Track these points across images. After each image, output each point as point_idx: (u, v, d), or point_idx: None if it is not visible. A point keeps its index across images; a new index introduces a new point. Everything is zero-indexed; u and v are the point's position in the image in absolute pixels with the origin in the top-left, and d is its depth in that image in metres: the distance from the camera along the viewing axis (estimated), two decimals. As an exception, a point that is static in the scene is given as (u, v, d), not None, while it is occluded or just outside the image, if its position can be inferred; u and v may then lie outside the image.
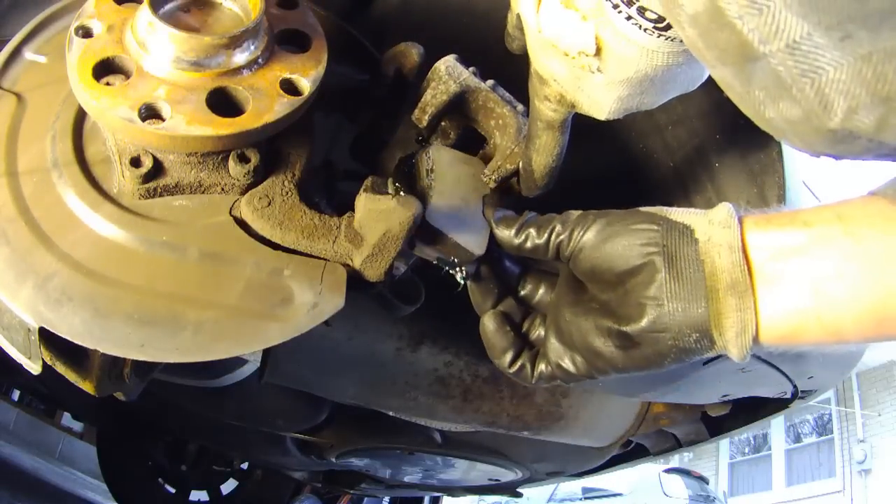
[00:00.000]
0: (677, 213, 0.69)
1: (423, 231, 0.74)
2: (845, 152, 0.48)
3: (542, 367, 0.75)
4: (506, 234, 0.76)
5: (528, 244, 0.74)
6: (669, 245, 0.67)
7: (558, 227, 0.73)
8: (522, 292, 0.80)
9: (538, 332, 0.77)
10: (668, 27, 0.59)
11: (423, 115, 0.84)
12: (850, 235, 0.62)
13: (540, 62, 0.71)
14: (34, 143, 0.73)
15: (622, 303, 0.68)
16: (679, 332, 0.66)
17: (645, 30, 0.60)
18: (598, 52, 0.64)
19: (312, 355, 1.32)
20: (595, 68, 0.66)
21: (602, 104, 0.70)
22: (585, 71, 0.67)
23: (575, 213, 0.73)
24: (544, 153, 0.79)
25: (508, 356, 0.76)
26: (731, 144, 1.06)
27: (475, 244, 0.75)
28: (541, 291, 0.80)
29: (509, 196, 0.87)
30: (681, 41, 0.60)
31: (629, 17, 0.60)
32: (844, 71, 0.43)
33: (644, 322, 0.66)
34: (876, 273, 0.61)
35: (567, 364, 0.72)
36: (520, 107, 0.85)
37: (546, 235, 0.73)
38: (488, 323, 0.77)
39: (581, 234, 0.71)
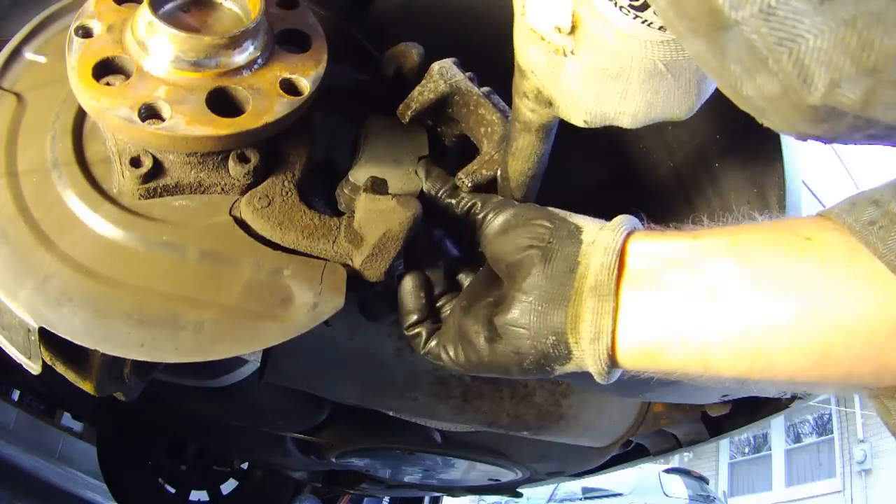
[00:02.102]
0: (577, 217, 0.68)
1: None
2: (831, 132, 0.43)
3: (433, 343, 0.74)
4: (432, 192, 0.79)
5: (450, 211, 0.77)
6: (554, 243, 0.65)
7: (478, 207, 0.75)
8: (458, 276, 0.80)
9: (447, 311, 0.77)
10: (644, 7, 0.56)
11: (406, 109, 0.83)
12: (736, 255, 0.57)
13: (521, 50, 0.69)
14: (34, 143, 0.73)
15: (503, 294, 0.68)
16: (537, 332, 0.63)
17: (620, 7, 0.57)
18: (573, 30, 0.61)
19: (312, 355, 1.32)
20: (569, 51, 0.63)
21: (577, 101, 0.67)
22: (559, 55, 0.64)
23: (496, 198, 0.75)
24: (520, 158, 0.77)
25: (411, 318, 0.76)
26: (731, 145, 1.06)
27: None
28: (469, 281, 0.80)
29: None
30: (658, 29, 0.57)
31: None
32: (825, 38, 0.38)
33: (508, 315, 0.65)
34: (756, 300, 0.55)
35: (449, 351, 0.72)
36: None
37: (465, 210, 0.76)
38: (407, 282, 0.76)
39: (493, 218, 0.72)
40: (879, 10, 0.37)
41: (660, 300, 0.59)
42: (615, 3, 0.57)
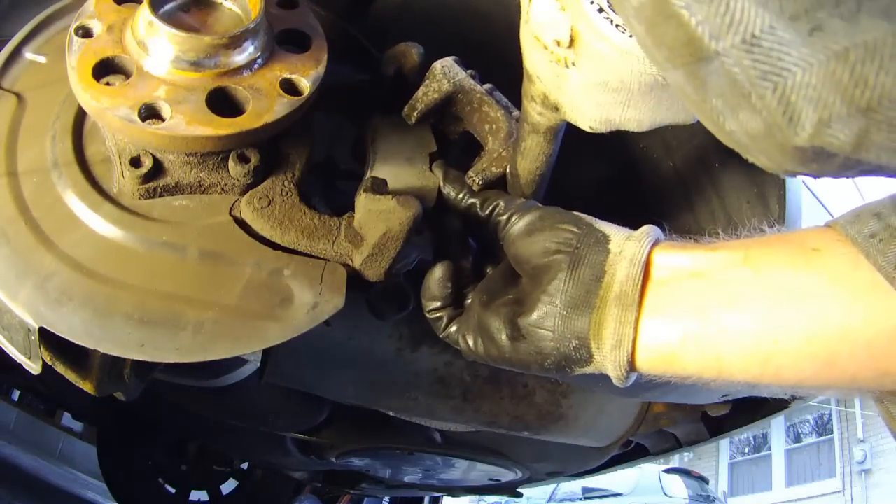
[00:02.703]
0: (603, 224, 0.69)
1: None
2: (820, 171, 0.41)
3: (452, 329, 0.76)
4: (452, 194, 0.79)
5: (472, 212, 0.77)
6: (582, 249, 0.66)
7: (501, 208, 0.75)
8: (483, 268, 0.81)
9: (469, 300, 0.78)
10: None
11: (412, 111, 0.83)
12: (750, 264, 0.59)
13: (527, 56, 0.70)
14: (34, 143, 0.73)
15: (527, 295, 0.69)
16: (561, 336, 0.65)
17: (617, 25, 0.57)
18: (571, 43, 0.62)
19: (312, 355, 1.32)
20: (570, 63, 0.63)
21: (582, 109, 0.68)
22: (561, 66, 0.64)
23: (519, 200, 0.75)
24: (529, 158, 0.78)
25: (434, 304, 0.77)
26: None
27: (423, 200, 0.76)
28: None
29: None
30: None
31: (601, 10, 0.58)
32: (814, 73, 0.35)
33: (533, 315, 0.66)
34: (768, 307, 0.57)
35: (469, 341, 0.73)
36: (515, 112, 0.83)
37: (488, 212, 0.76)
38: (437, 271, 0.77)
39: (517, 220, 0.72)
40: (875, 42, 0.34)
41: (679, 309, 0.61)
42: (611, 21, 0.58)
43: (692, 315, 0.61)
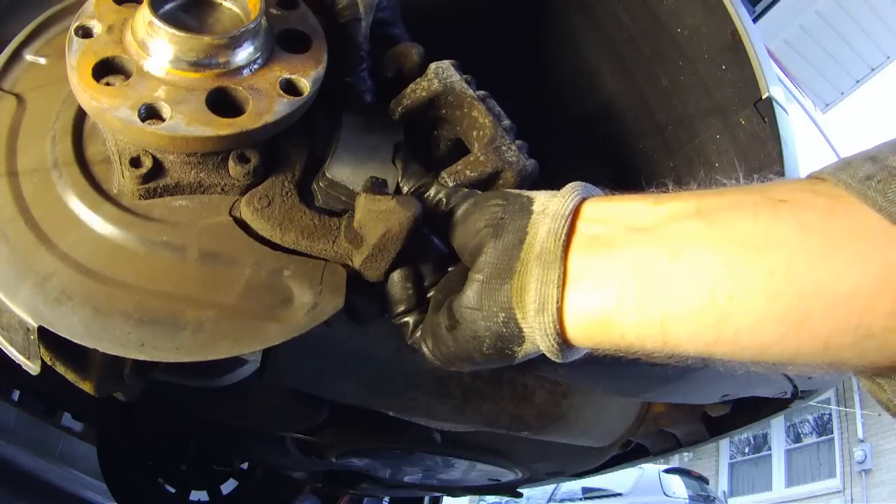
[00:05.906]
0: (532, 192, 0.64)
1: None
2: None
3: (417, 334, 0.71)
4: (405, 189, 0.76)
5: (426, 207, 0.73)
6: (506, 218, 0.62)
7: (443, 203, 0.72)
8: (450, 268, 0.78)
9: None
10: None
11: (396, 106, 0.82)
12: (702, 215, 0.52)
13: None
14: (34, 143, 0.73)
15: (462, 280, 0.65)
16: (489, 312, 0.60)
17: None
18: None
19: (312, 355, 1.32)
20: None
21: None
22: None
23: (462, 190, 0.72)
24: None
25: (398, 308, 0.73)
26: (731, 145, 1.06)
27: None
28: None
29: None
30: None
31: None
32: None
33: (462, 298, 0.62)
34: (722, 260, 0.49)
35: (428, 344, 0.68)
36: (506, 122, 0.82)
37: (433, 204, 0.73)
38: (395, 273, 0.73)
39: (456, 210, 0.70)
40: None
41: (612, 265, 0.54)
42: None
43: (629, 272, 0.53)
